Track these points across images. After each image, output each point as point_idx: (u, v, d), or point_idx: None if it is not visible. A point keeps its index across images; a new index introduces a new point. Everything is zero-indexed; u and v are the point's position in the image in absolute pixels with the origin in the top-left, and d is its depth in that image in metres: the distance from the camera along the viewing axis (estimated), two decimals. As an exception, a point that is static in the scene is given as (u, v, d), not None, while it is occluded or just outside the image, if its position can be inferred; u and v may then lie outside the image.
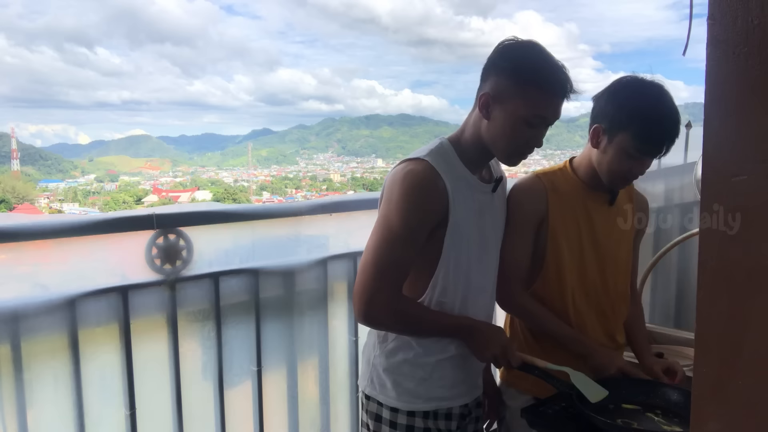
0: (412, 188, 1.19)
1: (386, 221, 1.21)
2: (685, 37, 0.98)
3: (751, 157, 0.47)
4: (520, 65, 1.18)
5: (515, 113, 1.19)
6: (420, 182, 1.19)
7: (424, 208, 1.21)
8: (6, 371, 1.33)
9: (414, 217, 1.20)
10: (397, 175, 1.22)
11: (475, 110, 1.25)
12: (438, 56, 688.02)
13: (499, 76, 1.19)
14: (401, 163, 1.25)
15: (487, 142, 1.24)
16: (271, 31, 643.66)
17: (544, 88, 1.18)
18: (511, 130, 1.20)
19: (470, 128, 1.26)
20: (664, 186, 2.52)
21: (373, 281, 1.19)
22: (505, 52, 1.21)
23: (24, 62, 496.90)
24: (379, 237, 1.21)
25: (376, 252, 1.20)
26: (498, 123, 1.20)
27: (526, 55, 1.19)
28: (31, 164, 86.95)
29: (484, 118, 1.22)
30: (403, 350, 1.29)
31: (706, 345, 0.51)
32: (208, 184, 66.12)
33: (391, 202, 1.21)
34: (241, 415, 1.70)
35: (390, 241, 1.19)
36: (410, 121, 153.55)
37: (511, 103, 1.18)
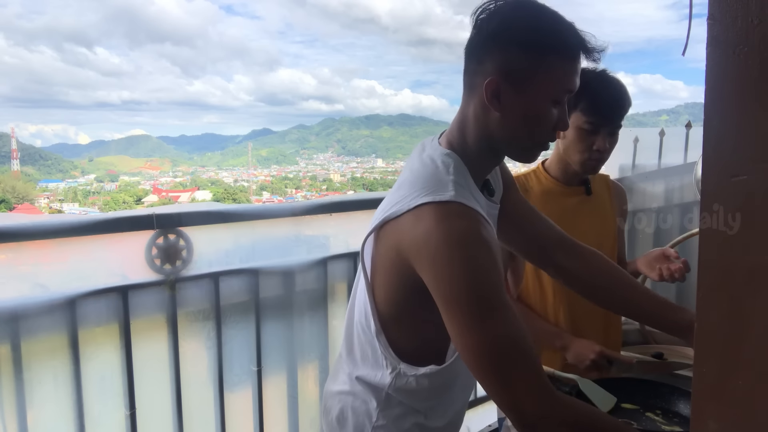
0: (464, 245, 0.87)
1: (458, 299, 0.86)
2: (684, 37, 0.97)
3: (751, 157, 0.47)
4: (532, 31, 0.91)
5: (539, 95, 0.93)
6: (469, 236, 0.88)
7: (489, 260, 0.88)
8: (6, 371, 1.33)
9: (483, 277, 0.87)
10: (433, 233, 0.88)
11: (472, 104, 0.97)
12: (438, 56, 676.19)
13: (506, 51, 0.91)
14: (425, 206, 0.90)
15: (500, 140, 0.97)
16: (271, 31, 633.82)
17: (569, 54, 0.92)
18: (535, 118, 0.94)
19: (472, 130, 0.98)
20: (664, 186, 2.52)
21: (502, 381, 0.86)
22: (504, 20, 0.92)
23: (23, 62, 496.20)
24: (470, 325, 0.86)
25: (481, 342, 0.85)
26: (516, 112, 0.93)
27: (532, 16, 0.92)
28: (31, 164, 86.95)
29: (495, 111, 0.93)
30: (413, 414, 1.06)
31: (706, 345, 0.51)
32: (208, 184, 66.14)
33: (448, 272, 0.86)
34: (241, 415, 1.70)
35: (480, 322, 0.85)
36: (410, 121, 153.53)
37: (530, 83, 0.92)
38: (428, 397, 1.05)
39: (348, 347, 1.10)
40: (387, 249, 0.96)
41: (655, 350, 1.74)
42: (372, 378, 1.05)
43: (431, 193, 0.91)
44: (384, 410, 1.05)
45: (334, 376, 1.15)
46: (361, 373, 1.06)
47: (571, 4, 46.80)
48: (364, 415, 1.06)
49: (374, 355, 1.03)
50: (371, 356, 1.04)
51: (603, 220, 1.54)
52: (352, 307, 1.09)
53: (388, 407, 1.05)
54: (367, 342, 1.04)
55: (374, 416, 1.05)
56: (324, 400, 1.15)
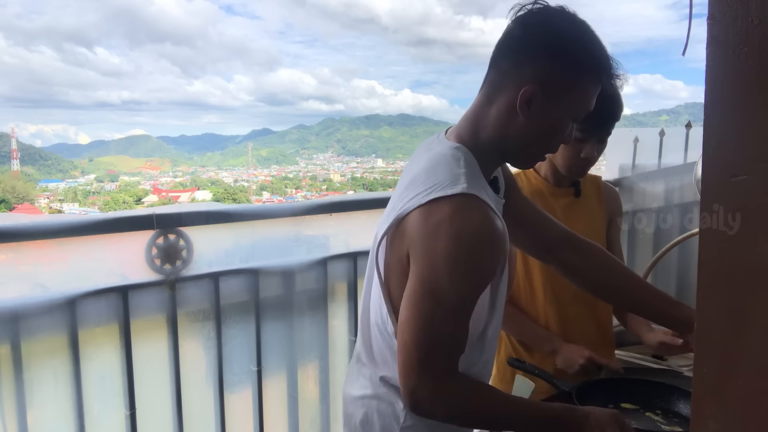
0: (475, 251, 0.88)
1: (431, 288, 0.89)
2: (684, 37, 0.97)
3: (751, 157, 0.47)
4: (581, 50, 0.93)
5: (565, 111, 0.95)
6: (483, 238, 0.89)
7: (491, 271, 0.92)
8: (6, 371, 1.33)
9: (475, 281, 0.91)
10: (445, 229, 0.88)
11: (497, 103, 0.96)
12: (438, 56, 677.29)
13: (550, 63, 0.92)
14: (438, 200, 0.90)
15: (514, 144, 0.98)
16: (271, 31, 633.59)
17: (602, 80, 0.95)
18: (555, 130, 0.96)
19: (489, 127, 0.98)
20: (664, 186, 2.52)
21: (419, 366, 0.90)
22: (555, 30, 0.93)
23: (23, 62, 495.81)
24: (423, 309, 0.89)
25: (419, 329, 0.89)
26: (540, 122, 0.94)
27: (582, 35, 0.94)
28: (31, 164, 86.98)
29: (521, 116, 0.94)
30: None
31: (706, 345, 0.51)
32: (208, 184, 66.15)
33: (437, 269, 0.88)
34: (241, 415, 1.70)
35: (439, 315, 0.89)
36: (410, 121, 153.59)
37: (564, 100, 0.94)
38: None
39: (366, 350, 1.08)
40: (400, 247, 0.96)
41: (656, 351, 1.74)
42: (396, 379, 1.02)
43: (444, 188, 0.91)
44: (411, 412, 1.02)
45: (353, 380, 1.12)
46: (384, 374, 1.04)
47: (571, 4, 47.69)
48: (390, 417, 1.04)
49: (394, 356, 1.01)
50: (391, 357, 1.02)
51: (591, 222, 1.54)
52: (366, 309, 1.08)
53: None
54: (386, 344, 1.03)
55: (401, 417, 1.03)
56: (344, 405, 1.13)
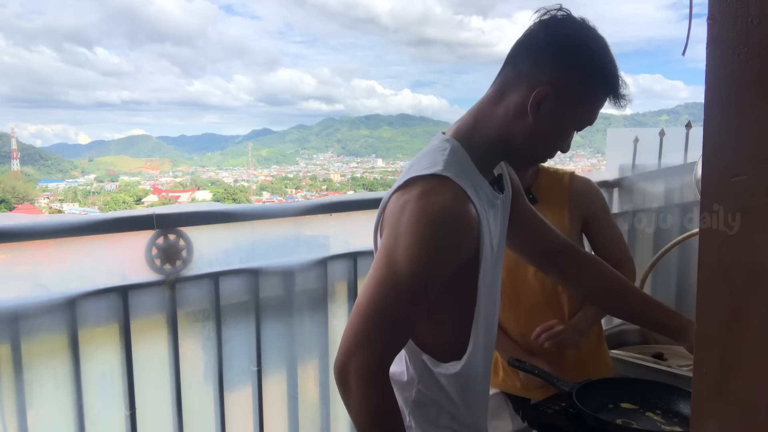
0: (436, 228, 0.89)
1: (389, 261, 0.90)
2: (684, 37, 0.98)
3: (751, 157, 0.47)
4: (600, 64, 0.95)
5: (572, 119, 0.97)
6: (447, 219, 0.89)
7: (449, 255, 0.92)
8: (6, 371, 1.33)
9: (432, 265, 0.90)
10: (412, 203, 0.90)
11: (506, 100, 0.96)
12: (438, 56, 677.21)
13: (569, 69, 0.93)
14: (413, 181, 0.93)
15: (517, 144, 0.98)
16: (271, 31, 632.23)
17: (609, 96, 0.98)
18: (558, 136, 0.98)
19: (492, 123, 0.98)
20: (664, 186, 2.52)
21: (360, 333, 0.91)
22: (577, 41, 0.94)
23: (23, 62, 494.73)
24: (379, 279, 0.91)
25: (372, 297, 0.91)
26: (547, 126, 0.95)
27: (601, 50, 0.95)
28: (31, 164, 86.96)
29: (530, 117, 0.94)
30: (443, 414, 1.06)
31: (706, 345, 0.51)
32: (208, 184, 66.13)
33: (398, 238, 0.90)
34: (241, 415, 1.70)
35: (391, 290, 0.90)
36: (410, 121, 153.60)
37: (574, 108, 0.96)
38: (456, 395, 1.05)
39: None
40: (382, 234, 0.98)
41: (655, 350, 1.75)
42: (399, 377, 1.06)
43: (421, 170, 0.94)
44: (414, 410, 1.05)
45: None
46: (393, 370, 1.05)
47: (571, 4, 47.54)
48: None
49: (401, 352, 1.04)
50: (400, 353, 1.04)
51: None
52: None
53: (419, 407, 1.05)
54: None
55: (406, 417, 1.05)
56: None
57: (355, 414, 0.95)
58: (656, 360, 1.65)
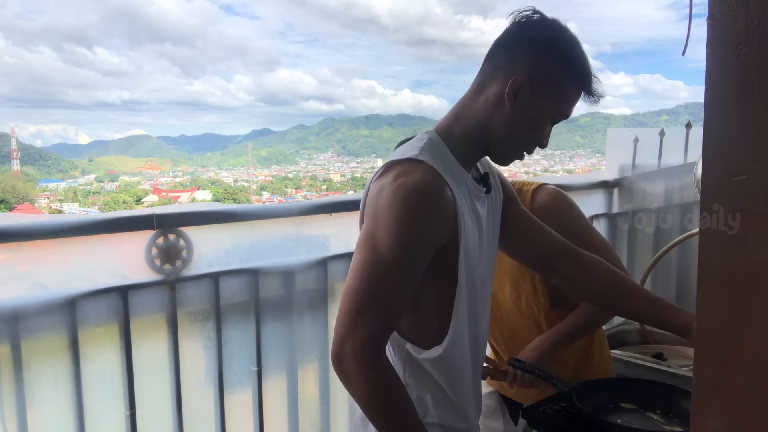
0: (411, 203, 0.93)
1: (371, 243, 0.95)
2: (684, 37, 0.98)
3: (751, 157, 0.47)
4: (570, 56, 1.00)
5: (546, 108, 1.02)
6: (421, 194, 0.93)
7: (426, 229, 0.95)
8: (6, 371, 1.33)
9: (411, 237, 0.94)
10: (387, 186, 0.95)
11: (485, 93, 1.02)
12: (438, 56, 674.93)
13: (540, 62, 0.99)
14: (390, 167, 0.99)
15: (495, 133, 1.02)
16: (271, 31, 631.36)
17: (583, 88, 1.03)
18: (534, 126, 1.02)
19: (472, 115, 1.04)
20: (664, 186, 2.52)
21: (351, 315, 0.94)
22: (549, 35, 1.00)
23: (23, 62, 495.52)
24: (363, 262, 0.95)
25: (358, 279, 0.95)
26: (523, 115, 1.00)
27: (571, 44, 1.01)
28: (31, 164, 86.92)
29: (507, 105, 0.99)
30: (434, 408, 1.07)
31: (706, 345, 0.51)
32: (208, 184, 66.10)
33: (378, 219, 0.94)
34: (241, 415, 1.70)
35: (376, 270, 0.94)
36: (410, 121, 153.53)
37: (547, 97, 1.01)
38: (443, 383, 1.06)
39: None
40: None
41: (655, 350, 1.74)
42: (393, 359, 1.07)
43: (398, 155, 1.00)
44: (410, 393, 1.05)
45: None
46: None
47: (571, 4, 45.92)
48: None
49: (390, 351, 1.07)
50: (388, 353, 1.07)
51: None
52: None
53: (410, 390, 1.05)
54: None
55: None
56: (350, 400, 1.15)
57: (359, 396, 0.96)
58: (656, 360, 1.65)
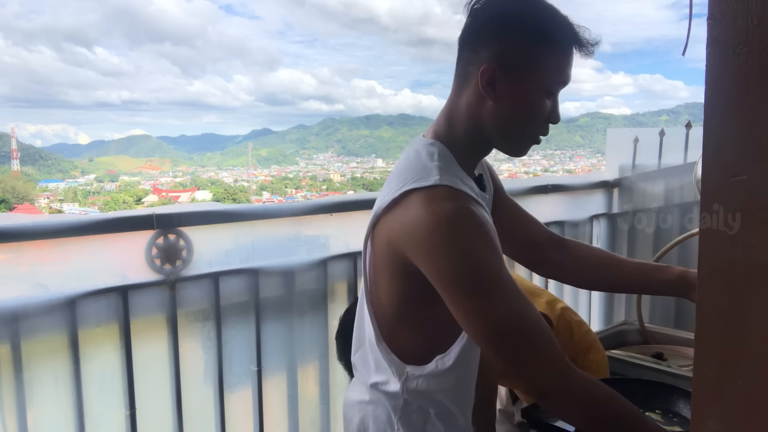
0: (460, 228, 0.86)
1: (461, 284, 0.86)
2: (684, 37, 0.98)
3: (751, 157, 0.47)
4: (535, 19, 0.92)
5: (533, 84, 0.93)
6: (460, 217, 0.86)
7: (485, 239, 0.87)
8: (6, 371, 1.33)
9: (484, 252, 0.86)
10: (428, 220, 0.86)
11: (465, 94, 0.96)
12: (437, 56, 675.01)
13: (502, 39, 0.91)
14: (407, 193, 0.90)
15: (492, 130, 0.96)
16: (270, 31, 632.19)
17: (563, 46, 0.93)
18: (530, 107, 0.94)
19: (462, 119, 0.97)
20: (664, 186, 2.52)
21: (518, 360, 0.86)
22: (500, 8, 0.93)
23: (23, 62, 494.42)
24: (475, 305, 0.85)
25: (486, 325, 0.85)
26: (510, 101, 0.93)
27: (528, 6, 0.93)
28: (31, 164, 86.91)
29: (489, 99, 0.93)
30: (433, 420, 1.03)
31: (706, 345, 0.51)
32: (208, 184, 66.07)
33: (445, 255, 0.85)
34: (241, 414, 1.70)
35: (494, 296, 0.85)
36: (410, 121, 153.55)
37: (526, 72, 0.92)
38: (444, 397, 1.02)
39: (361, 355, 1.08)
40: (381, 246, 0.96)
41: (655, 350, 1.75)
42: (386, 386, 1.03)
43: (416, 181, 0.90)
44: (403, 417, 1.02)
45: (352, 385, 1.14)
46: (375, 380, 1.04)
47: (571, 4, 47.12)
48: (385, 423, 1.03)
49: (385, 363, 1.01)
50: (383, 364, 1.02)
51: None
52: (361, 315, 1.07)
53: (406, 413, 1.02)
54: (373, 351, 1.03)
55: (395, 425, 1.02)
56: (344, 409, 1.13)
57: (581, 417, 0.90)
58: (656, 360, 1.65)
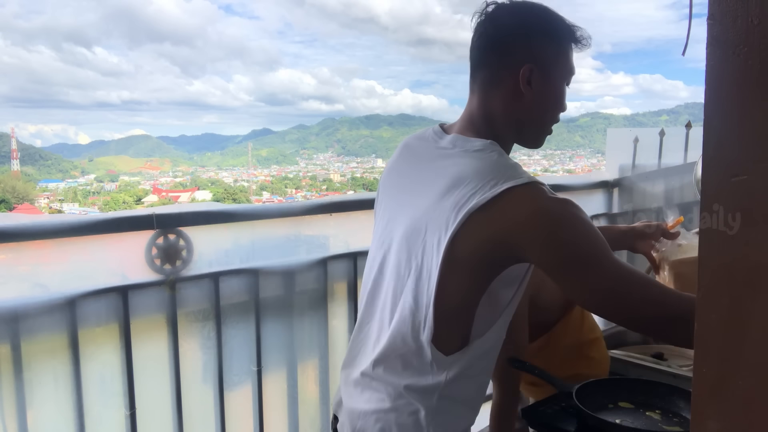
0: (578, 212, 0.95)
1: (592, 267, 0.94)
2: (684, 37, 0.98)
3: (751, 157, 0.47)
4: (552, 22, 1.04)
5: (559, 78, 1.06)
6: (572, 205, 0.96)
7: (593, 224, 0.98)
8: (6, 371, 1.33)
9: (599, 232, 0.97)
10: (549, 209, 0.93)
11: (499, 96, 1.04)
12: (437, 56, 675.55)
13: (534, 42, 1.02)
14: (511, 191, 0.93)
15: (528, 125, 1.07)
16: (270, 31, 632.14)
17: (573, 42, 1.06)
18: (559, 99, 1.07)
19: (501, 118, 1.05)
20: (664, 186, 2.52)
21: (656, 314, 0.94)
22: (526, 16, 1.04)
23: (22, 62, 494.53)
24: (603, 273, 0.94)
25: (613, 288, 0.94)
26: (545, 96, 1.04)
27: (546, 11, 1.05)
28: (31, 164, 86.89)
29: (525, 95, 1.03)
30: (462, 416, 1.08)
31: (706, 345, 0.51)
32: (208, 184, 66.08)
33: (574, 235, 0.94)
34: (241, 415, 1.70)
35: (612, 266, 0.94)
36: (410, 121, 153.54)
37: (554, 68, 1.04)
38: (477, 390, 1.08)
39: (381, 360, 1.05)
40: (473, 243, 0.95)
41: (655, 350, 1.74)
42: (422, 383, 1.02)
43: (509, 179, 0.94)
44: (435, 418, 1.02)
45: (355, 393, 1.10)
46: (409, 383, 1.02)
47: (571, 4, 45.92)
48: (411, 429, 1.02)
49: (420, 362, 1.01)
50: (417, 364, 1.01)
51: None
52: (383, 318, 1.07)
53: (439, 414, 1.02)
54: (410, 351, 1.01)
55: (425, 428, 1.01)
56: (348, 420, 1.09)
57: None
58: (656, 360, 1.65)
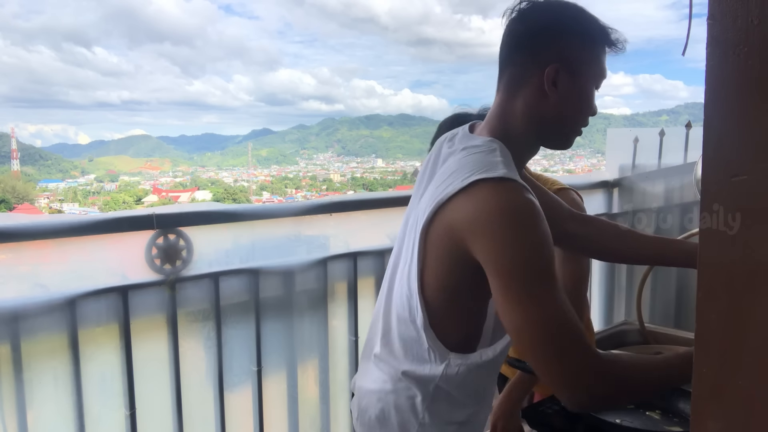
0: (526, 220, 0.88)
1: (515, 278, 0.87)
2: (684, 36, 0.98)
3: (751, 157, 0.47)
4: (583, 23, 1.01)
5: (588, 80, 1.02)
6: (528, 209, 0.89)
7: (547, 237, 0.89)
8: (6, 371, 1.33)
9: (545, 247, 0.88)
10: (495, 208, 0.89)
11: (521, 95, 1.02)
12: (437, 56, 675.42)
13: (563, 42, 0.99)
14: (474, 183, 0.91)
15: (551, 126, 1.03)
16: (270, 31, 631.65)
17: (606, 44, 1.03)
18: (586, 101, 1.03)
19: (520, 119, 1.02)
20: (664, 186, 2.52)
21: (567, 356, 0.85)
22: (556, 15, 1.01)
23: (22, 62, 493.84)
24: (523, 296, 0.86)
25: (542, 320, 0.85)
26: (571, 97, 1.01)
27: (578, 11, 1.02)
28: (31, 164, 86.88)
29: (551, 97, 1.00)
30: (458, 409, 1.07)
31: (706, 345, 0.51)
32: (208, 184, 66.07)
33: (508, 243, 0.87)
34: (241, 415, 1.70)
35: (549, 295, 0.86)
36: (410, 121, 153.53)
37: (583, 70, 1.01)
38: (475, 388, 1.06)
39: (385, 344, 1.08)
40: (439, 234, 0.96)
41: (655, 350, 1.74)
42: (419, 371, 1.03)
43: (483, 172, 0.92)
44: (431, 405, 1.03)
45: (366, 373, 1.13)
46: (407, 368, 1.04)
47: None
48: (408, 412, 1.03)
49: (419, 349, 1.02)
50: (416, 350, 1.03)
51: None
52: (388, 303, 1.09)
53: (435, 402, 1.03)
54: (410, 337, 1.03)
55: (420, 413, 1.03)
56: (357, 398, 1.12)
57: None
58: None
